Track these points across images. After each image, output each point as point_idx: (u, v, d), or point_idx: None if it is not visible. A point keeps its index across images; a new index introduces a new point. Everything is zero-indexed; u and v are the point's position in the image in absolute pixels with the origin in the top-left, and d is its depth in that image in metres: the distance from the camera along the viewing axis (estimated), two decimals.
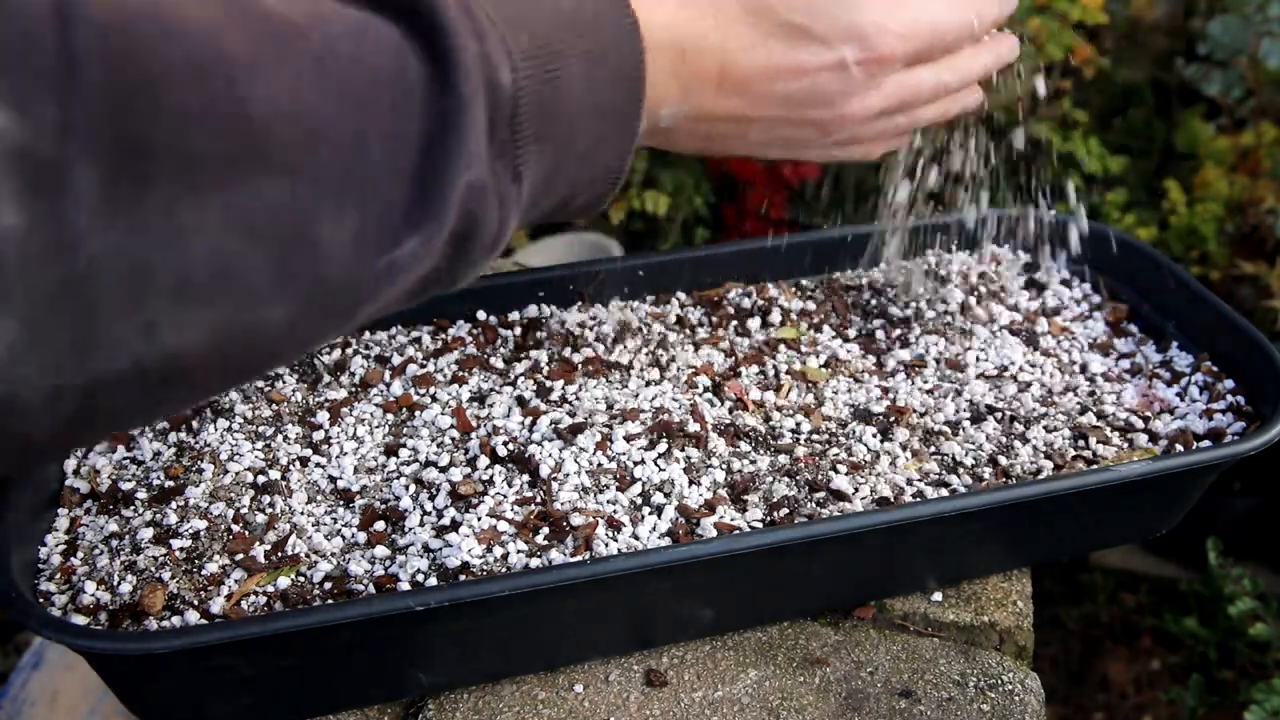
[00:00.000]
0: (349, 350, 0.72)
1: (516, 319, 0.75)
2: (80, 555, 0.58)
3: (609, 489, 0.60)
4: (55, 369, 0.32)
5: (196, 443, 0.64)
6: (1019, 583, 0.64)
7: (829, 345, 0.74)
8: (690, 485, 0.61)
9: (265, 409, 0.67)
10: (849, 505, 0.60)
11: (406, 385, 0.69)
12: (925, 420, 0.67)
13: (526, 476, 0.61)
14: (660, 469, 0.61)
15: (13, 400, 0.31)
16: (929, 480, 0.63)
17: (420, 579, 0.56)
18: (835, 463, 0.63)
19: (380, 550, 0.58)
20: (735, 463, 0.63)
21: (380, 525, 0.60)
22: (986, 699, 0.57)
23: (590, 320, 0.74)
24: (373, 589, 0.56)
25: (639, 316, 0.75)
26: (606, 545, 0.57)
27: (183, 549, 0.57)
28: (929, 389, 0.70)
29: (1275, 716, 0.94)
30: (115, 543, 0.58)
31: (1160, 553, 1.54)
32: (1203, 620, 1.40)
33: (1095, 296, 0.79)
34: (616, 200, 1.82)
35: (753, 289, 0.79)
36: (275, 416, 0.67)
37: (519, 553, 0.56)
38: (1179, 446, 0.65)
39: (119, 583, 0.56)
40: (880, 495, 0.61)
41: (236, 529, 0.59)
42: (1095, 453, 0.65)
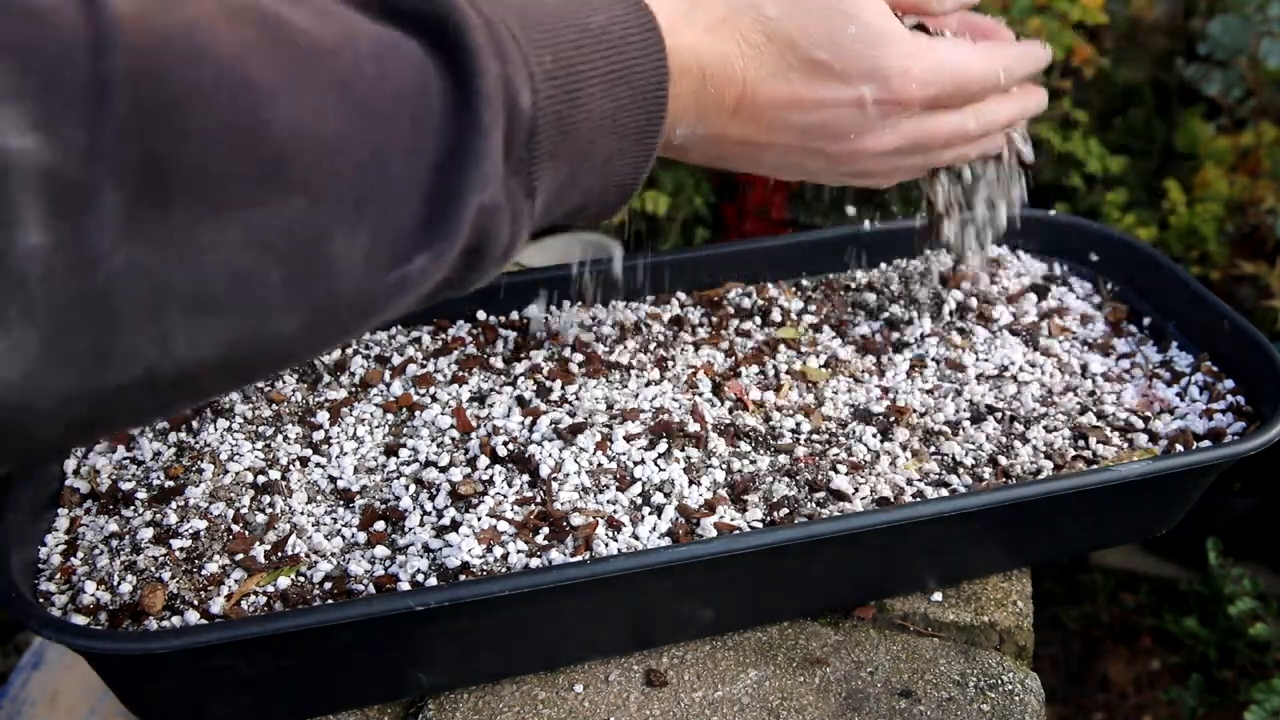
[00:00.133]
0: (349, 350, 0.72)
1: (516, 319, 0.76)
2: (80, 555, 0.58)
3: (609, 489, 0.60)
4: (72, 378, 0.32)
5: (196, 443, 0.64)
6: (1019, 583, 0.64)
7: (829, 345, 0.74)
8: (690, 485, 0.61)
9: (265, 409, 0.67)
10: (849, 505, 0.60)
11: (406, 385, 0.69)
12: (925, 420, 0.67)
13: (526, 476, 0.61)
14: (660, 469, 0.61)
15: (28, 407, 0.32)
16: (929, 480, 0.63)
17: (420, 579, 0.56)
18: (835, 463, 0.63)
19: (380, 550, 0.58)
20: (735, 463, 0.63)
21: (380, 525, 0.60)
22: (986, 699, 0.57)
23: (590, 320, 0.74)
24: (373, 589, 0.56)
25: (639, 316, 0.75)
26: (606, 545, 0.57)
27: (183, 549, 0.57)
28: (929, 389, 0.70)
29: (1275, 716, 0.94)
30: (115, 543, 0.58)
31: (1160, 553, 1.54)
32: (1203, 620, 1.40)
33: (1095, 296, 0.79)
34: None
35: (753, 289, 0.79)
36: (275, 416, 0.67)
37: (519, 553, 0.56)
38: (1179, 446, 0.65)
39: (119, 583, 0.56)
40: (880, 495, 0.61)
41: (236, 529, 0.59)
42: (1095, 453, 0.65)
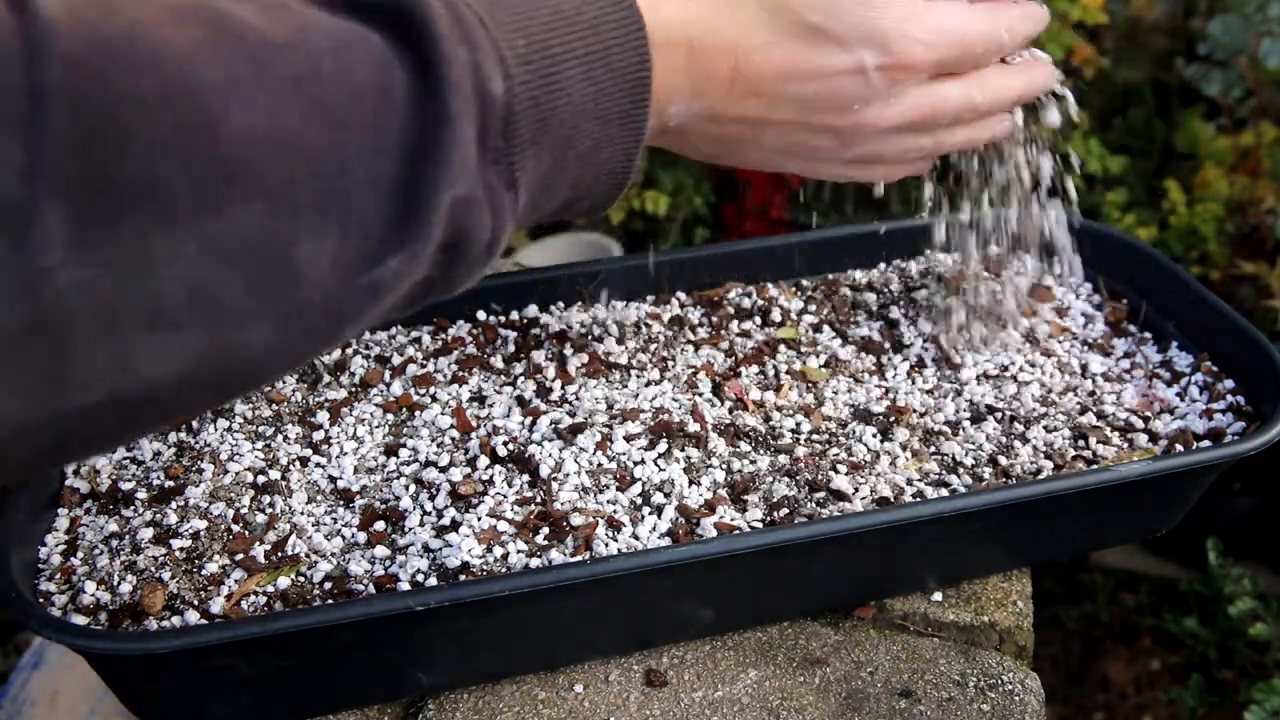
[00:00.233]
0: (349, 350, 0.72)
1: (516, 319, 0.76)
2: (80, 555, 0.58)
3: (609, 489, 0.60)
4: (25, 406, 0.31)
5: (196, 443, 0.64)
6: (1019, 583, 0.64)
7: (829, 345, 0.74)
8: (690, 485, 0.61)
9: (265, 409, 0.67)
10: (849, 505, 0.60)
11: (406, 385, 0.69)
12: (925, 420, 0.67)
13: (526, 476, 0.61)
14: (660, 469, 0.61)
15: None
16: (929, 480, 0.63)
17: (420, 579, 0.56)
18: (835, 463, 0.63)
19: (380, 550, 0.58)
20: (735, 463, 0.63)
21: (380, 525, 0.60)
22: (986, 699, 0.57)
23: (590, 320, 0.74)
24: (373, 589, 0.56)
25: (639, 316, 0.75)
26: (606, 545, 0.57)
27: (183, 549, 0.57)
28: (929, 389, 0.70)
29: (1275, 716, 0.94)
30: (115, 543, 0.58)
31: (1160, 553, 1.54)
32: (1203, 620, 1.40)
33: (1095, 296, 0.79)
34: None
35: (753, 289, 0.79)
36: (275, 416, 0.67)
37: (519, 553, 0.56)
38: (1179, 446, 0.65)
39: (119, 583, 0.56)
40: (880, 495, 0.61)
41: (236, 529, 0.59)
42: (1095, 453, 0.65)
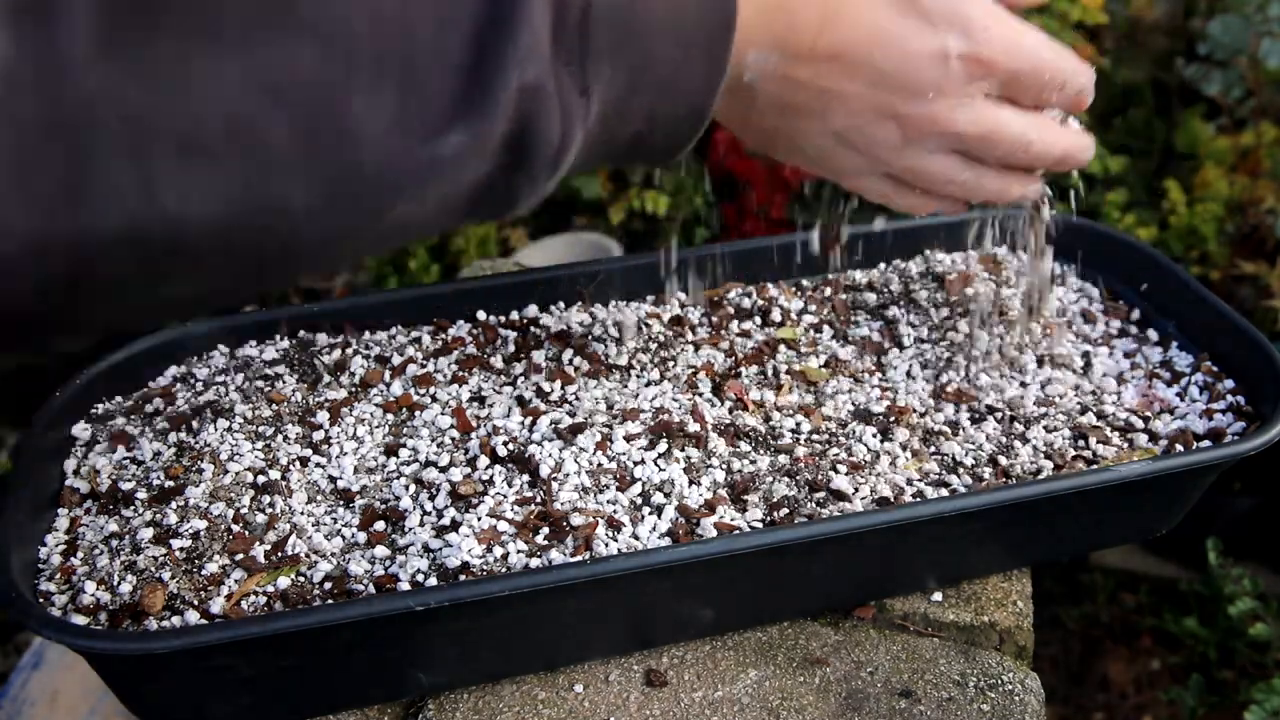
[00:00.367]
0: (349, 350, 0.72)
1: (516, 319, 0.75)
2: (80, 555, 0.58)
3: (609, 489, 0.60)
4: (42, 215, 0.29)
5: (196, 443, 0.64)
6: (1019, 583, 0.64)
7: (829, 345, 0.74)
8: (690, 485, 0.61)
9: (265, 409, 0.67)
10: (849, 505, 0.60)
11: (406, 385, 0.69)
12: (925, 420, 0.67)
13: (526, 476, 0.61)
14: (660, 469, 0.61)
15: None
16: (929, 480, 0.63)
17: (420, 579, 0.56)
18: (835, 463, 0.63)
19: (380, 550, 0.58)
20: (735, 463, 0.63)
21: (380, 525, 0.60)
22: (986, 699, 0.57)
23: (590, 320, 0.74)
24: (373, 589, 0.56)
25: (639, 316, 0.75)
26: (606, 545, 0.57)
27: (183, 549, 0.57)
28: (929, 389, 0.70)
29: (1275, 716, 0.94)
30: (115, 543, 0.58)
31: (1160, 553, 1.54)
32: (1203, 620, 1.40)
33: (1095, 296, 0.79)
34: (616, 200, 1.83)
35: (753, 289, 0.79)
36: (275, 416, 0.67)
37: (519, 553, 0.56)
38: (1179, 446, 0.65)
39: (119, 583, 0.56)
40: (880, 495, 0.61)
41: (236, 529, 0.59)
42: (1095, 453, 0.65)
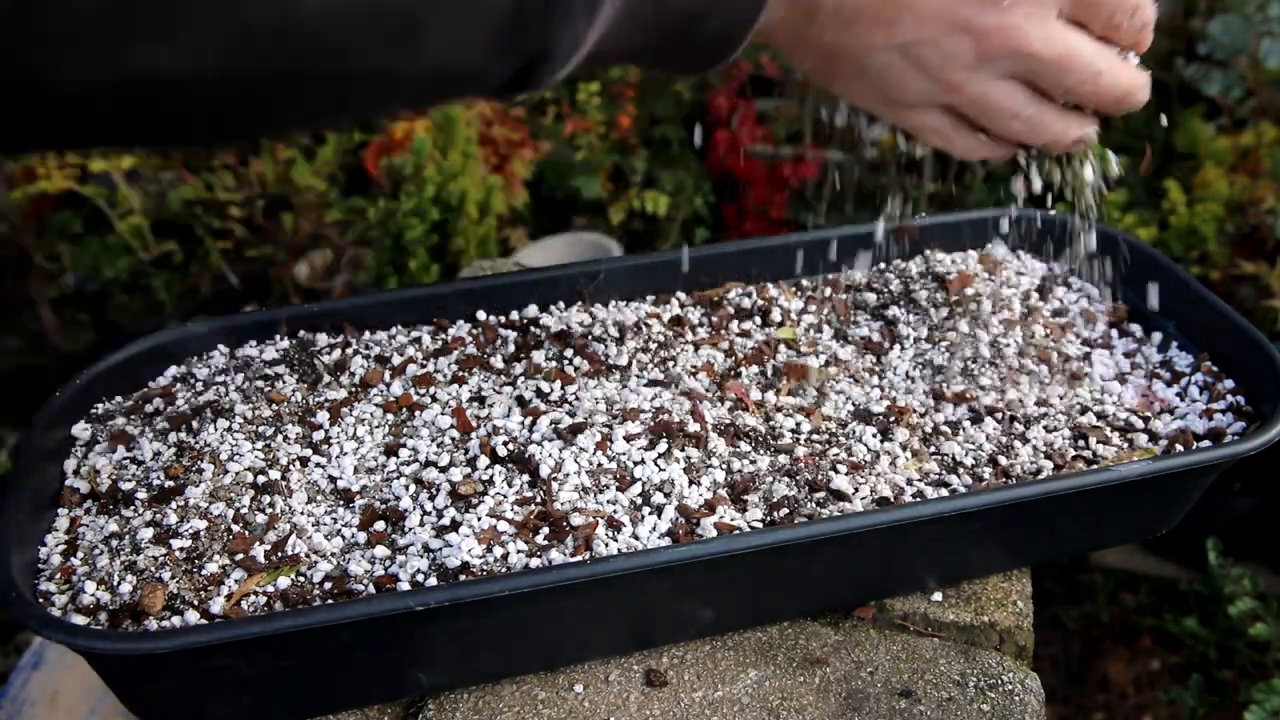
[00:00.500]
0: (349, 350, 0.72)
1: (516, 319, 0.75)
2: (80, 555, 0.58)
3: (609, 489, 0.60)
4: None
5: (196, 443, 0.64)
6: (1019, 583, 0.64)
7: (829, 345, 0.74)
8: (690, 485, 0.61)
9: (265, 409, 0.67)
10: (849, 505, 0.60)
11: (406, 385, 0.69)
12: (925, 420, 0.67)
13: (526, 476, 0.61)
14: (660, 469, 0.61)
15: None
16: (929, 480, 0.63)
17: (420, 579, 0.56)
18: (835, 463, 0.63)
19: (380, 550, 0.58)
20: (735, 463, 0.63)
21: (380, 525, 0.60)
22: (986, 699, 0.57)
23: (590, 320, 0.74)
24: (373, 589, 0.56)
25: (639, 316, 0.75)
26: (606, 545, 0.57)
27: (183, 549, 0.57)
28: (929, 389, 0.70)
29: (1275, 716, 0.94)
30: (115, 543, 0.58)
31: (1160, 553, 1.54)
32: (1203, 620, 1.40)
33: (1095, 296, 0.79)
34: (616, 200, 1.83)
35: (753, 289, 0.79)
36: (275, 416, 0.67)
37: (519, 553, 0.56)
38: (1179, 446, 0.65)
39: (119, 583, 0.56)
40: (880, 495, 0.61)
41: (236, 529, 0.59)
42: (1095, 453, 0.65)
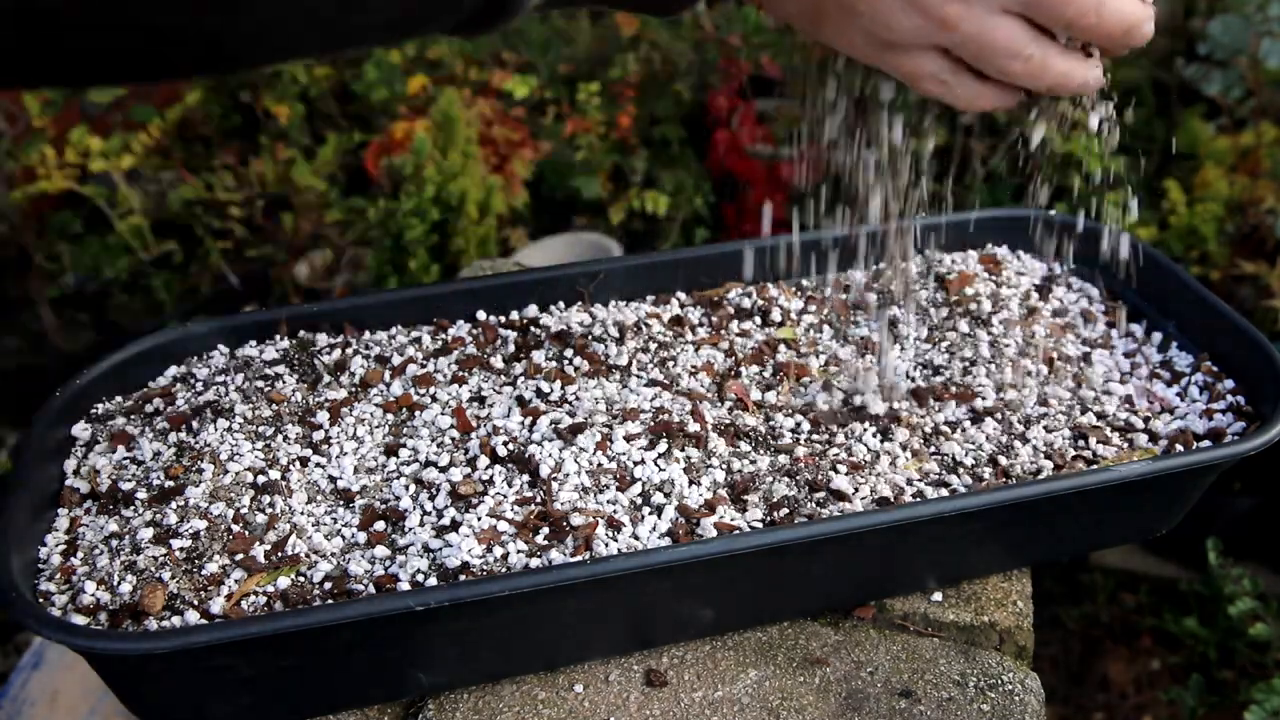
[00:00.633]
0: (349, 350, 0.72)
1: (516, 319, 0.75)
2: (80, 555, 0.58)
3: (609, 489, 0.60)
4: None
5: (196, 443, 0.64)
6: (1019, 583, 0.64)
7: (829, 345, 0.74)
8: (690, 485, 0.61)
9: (265, 409, 0.67)
10: (849, 505, 0.60)
11: (406, 385, 0.69)
12: (925, 420, 0.67)
13: (526, 476, 0.61)
14: (660, 469, 0.61)
15: None
16: (929, 480, 0.63)
17: (420, 579, 0.56)
18: (835, 463, 0.63)
19: (380, 550, 0.58)
20: (735, 463, 0.63)
21: (380, 525, 0.60)
22: (986, 699, 0.57)
23: (590, 320, 0.74)
24: (373, 589, 0.56)
25: (639, 316, 0.75)
26: (606, 545, 0.57)
27: (183, 549, 0.57)
28: (928, 389, 0.70)
29: (1275, 716, 0.94)
30: (115, 543, 0.58)
31: (1160, 553, 1.54)
32: (1203, 620, 1.40)
33: (1095, 296, 0.79)
34: (616, 200, 1.83)
35: (753, 289, 0.79)
36: (275, 416, 0.67)
37: (519, 553, 0.56)
38: (1179, 446, 0.65)
39: (119, 583, 0.56)
40: (880, 495, 0.61)
41: (236, 529, 0.59)
42: (1095, 453, 0.65)
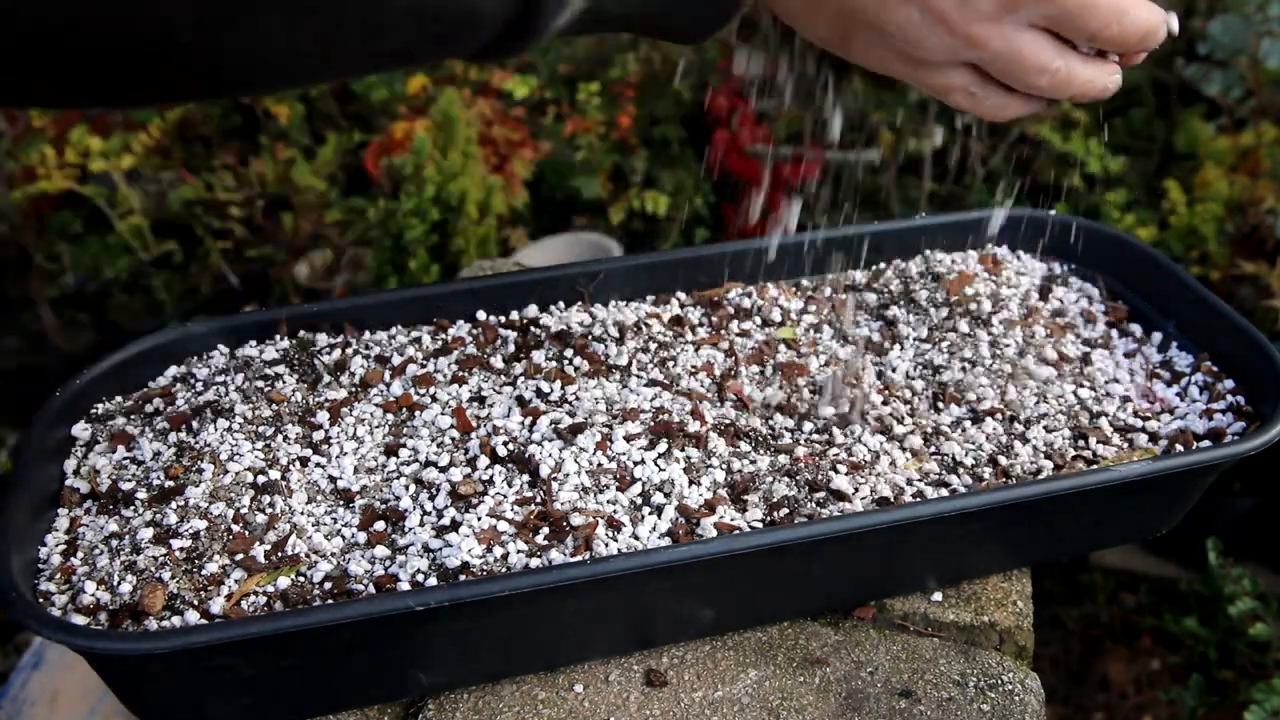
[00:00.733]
0: (349, 350, 0.72)
1: (516, 319, 0.75)
2: (80, 555, 0.58)
3: (609, 489, 0.60)
4: None
5: (196, 443, 0.64)
6: (1019, 583, 0.64)
7: (829, 345, 0.74)
8: (690, 485, 0.61)
9: (265, 409, 0.67)
10: (849, 505, 0.60)
11: (406, 385, 0.69)
12: (925, 420, 0.67)
13: (526, 476, 0.61)
14: (660, 469, 0.61)
15: None
16: (929, 480, 0.63)
17: (420, 579, 0.56)
18: (835, 463, 0.63)
19: (380, 550, 0.58)
20: (735, 463, 0.63)
21: (380, 525, 0.60)
22: (986, 699, 0.57)
23: (590, 320, 0.74)
24: (373, 589, 0.56)
25: (639, 316, 0.75)
26: (606, 545, 0.57)
27: (183, 549, 0.57)
28: (929, 389, 0.70)
29: (1275, 716, 0.94)
30: (115, 543, 0.58)
31: (1160, 553, 1.54)
32: (1203, 620, 1.40)
33: (1095, 296, 0.79)
34: (616, 200, 1.83)
35: (753, 289, 0.79)
36: (275, 416, 0.67)
37: (519, 553, 0.56)
38: (1179, 446, 0.65)
39: (119, 583, 0.56)
40: (880, 495, 0.61)
41: (236, 529, 0.59)
42: (1095, 453, 0.65)
